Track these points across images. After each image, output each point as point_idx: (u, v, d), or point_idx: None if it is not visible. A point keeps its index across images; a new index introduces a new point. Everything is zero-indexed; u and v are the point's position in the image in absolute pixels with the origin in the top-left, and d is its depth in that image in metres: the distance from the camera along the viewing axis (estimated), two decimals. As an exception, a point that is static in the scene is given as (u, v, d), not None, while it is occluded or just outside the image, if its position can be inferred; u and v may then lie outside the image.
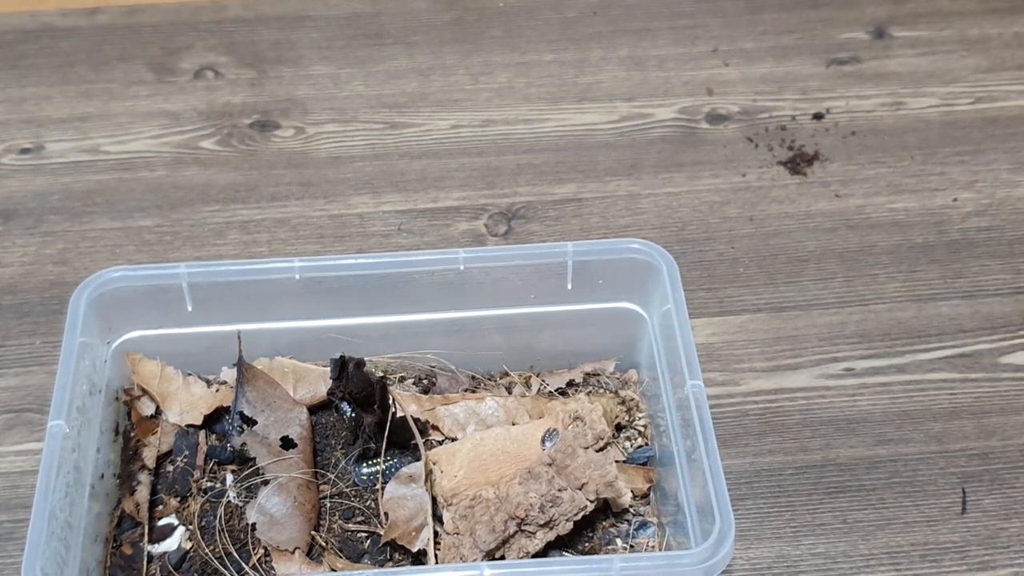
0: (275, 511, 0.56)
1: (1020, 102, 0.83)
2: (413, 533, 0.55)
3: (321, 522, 0.57)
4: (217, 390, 0.62)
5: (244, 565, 0.55)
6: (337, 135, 0.81)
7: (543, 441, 0.56)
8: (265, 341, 0.61)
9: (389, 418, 0.58)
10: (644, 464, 0.60)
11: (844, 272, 0.72)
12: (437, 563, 0.54)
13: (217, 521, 0.56)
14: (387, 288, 0.60)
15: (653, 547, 0.56)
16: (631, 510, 0.57)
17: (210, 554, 0.55)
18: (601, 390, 0.63)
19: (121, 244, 0.73)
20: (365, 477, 0.58)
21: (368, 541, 0.56)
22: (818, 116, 0.82)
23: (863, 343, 0.68)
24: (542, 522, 0.54)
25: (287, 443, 0.58)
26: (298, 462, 0.57)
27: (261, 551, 0.55)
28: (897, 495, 0.61)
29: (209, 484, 0.58)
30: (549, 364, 0.64)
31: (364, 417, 0.57)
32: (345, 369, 0.58)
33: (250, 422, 0.58)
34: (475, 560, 0.53)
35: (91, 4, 0.90)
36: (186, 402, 0.61)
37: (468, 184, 0.77)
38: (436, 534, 0.55)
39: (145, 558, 0.55)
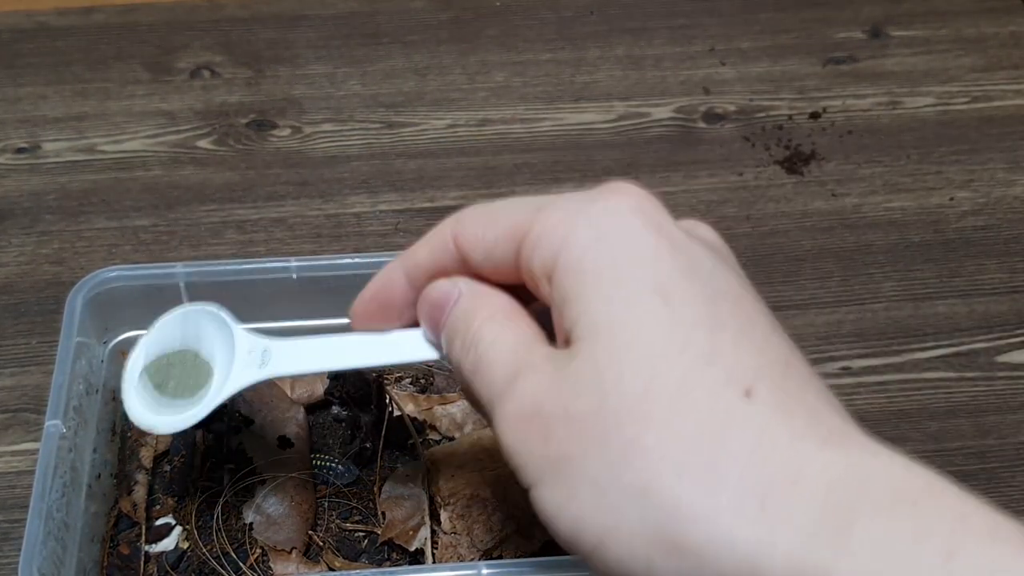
0: (272, 511, 0.56)
1: (1016, 101, 0.83)
2: (411, 532, 0.55)
3: (319, 521, 0.57)
4: (214, 390, 0.61)
5: (241, 565, 0.55)
6: (334, 134, 0.81)
7: (540, 440, 0.56)
8: (262, 341, 0.61)
9: (386, 418, 0.58)
10: (641, 463, 0.60)
11: (841, 271, 0.72)
12: (435, 562, 0.54)
13: (214, 521, 0.56)
14: (384, 287, 0.59)
15: (650, 546, 0.56)
16: (628, 509, 0.57)
17: (207, 554, 0.55)
18: (598, 389, 0.63)
19: (117, 244, 0.73)
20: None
21: (366, 540, 0.56)
22: (815, 115, 0.82)
23: (860, 342, 0.68)
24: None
25: (284, 443, 0.58)
26: (295, 462, 0.57)
27: (258, 551, 0.55)
28: (894, 494, 0.61)
29: (206, 484, 0.58)
30: (546, 363, 0.64)
31: (361, 416, 0.57)
32: (342, 368, 0.58)
33: (247, 422, 0.58)
34: (473, 559, 0.53)
35: (87, 3, 0.90)
36: (183, 402, 0.61)
37: (465, 183, 0.77)
38: (433, 533, 0.55)
39: (142, 558, 0.55)
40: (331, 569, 0.54)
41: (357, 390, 0.57)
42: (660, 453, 0.30)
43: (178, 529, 0.57)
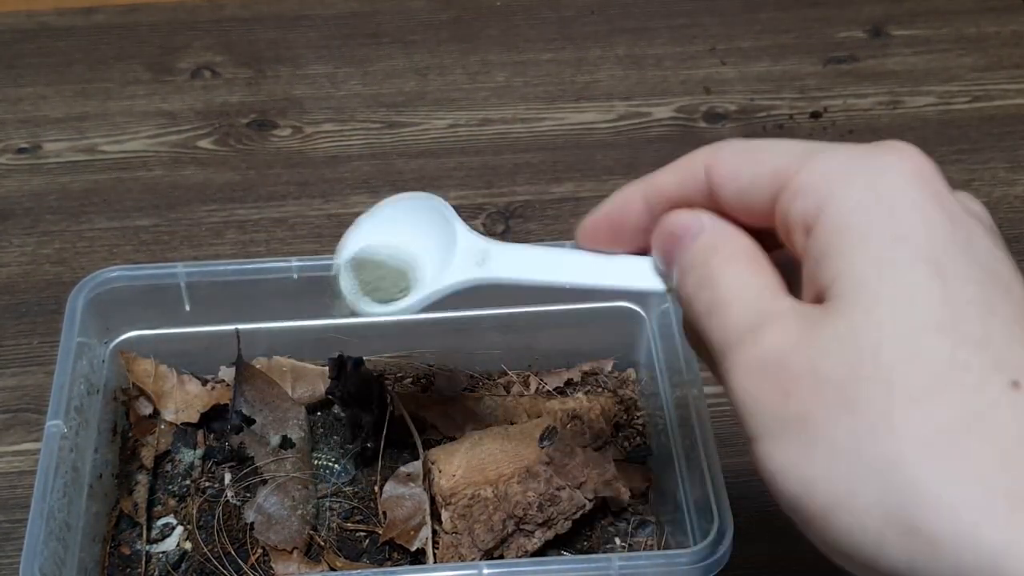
0: (273, 511, 0.56)
1: (1017, 101, 0.83)
2: (411, 532, 0.55)
3: (320, 521, 0.57)
4: (213, 388, 0.61)
5: (242, 565, 0.55)
6: (334, 134, 0.81)
7: (541, 440, 0.56)
8: (263, 340, 0.61)
9: (387, 417, 0.58)
10: (642, 463, 0.60)
11: (842, 271, 0.72)
12: (436, 562, 0.54)
13: (215, 521, 0.56)
14: (385, 287, 0.60)
15: (651, 546, 0.56)
16: (629, 509, 0.57)
17: (208, 554, 0.55)
18: (599, 389, 0.63)
19: (118, 244, 0.73)
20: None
21: (367, 540, 0.56)
22: (816, 115, 0.82)
23: (861, 342, 0.68)
24: (540, 521, 0.54)
25: (285, 442, 0.58)
26: (296, 461, 0.57)
27: (259, 551, 0.55)
28: (895, 493, 0.61)
29: (207, 484, 0.58)
30: (547, 363, 0.64)
31: (362, 416, 0.58)
32: (343, 368, 0.58)
33: (248, 421, 0.58)
34: (474, 559, 0.53)
35: (88, 3, 0.90)
36: (181, 400, 0.61)
37: (466, 183, 0.77)
38: (434, 533, 0.55)
39: (143, 558, 0.55)
40: (332, 569, 0.54)
41: (358, 390, 0.58)
42: (912, 432, 0.28)
43: (179, 529, 0.57)
